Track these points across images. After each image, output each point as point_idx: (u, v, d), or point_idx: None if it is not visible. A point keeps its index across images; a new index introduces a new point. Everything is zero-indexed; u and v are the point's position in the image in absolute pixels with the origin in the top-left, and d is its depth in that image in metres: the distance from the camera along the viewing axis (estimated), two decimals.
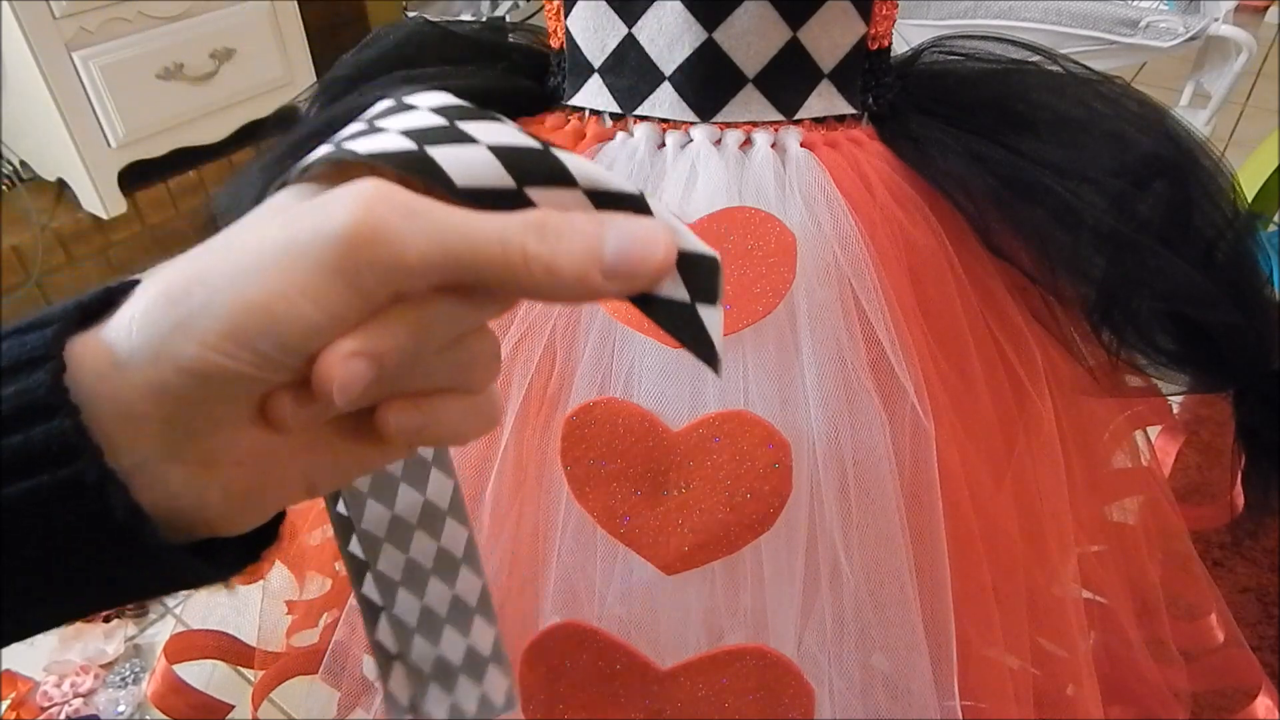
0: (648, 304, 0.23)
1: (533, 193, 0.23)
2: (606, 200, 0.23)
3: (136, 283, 0.23)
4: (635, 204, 0.23)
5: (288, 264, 0.20)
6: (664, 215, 0.24)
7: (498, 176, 0.23)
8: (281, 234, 0.21)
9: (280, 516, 0.26)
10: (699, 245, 0.23)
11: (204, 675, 0.87)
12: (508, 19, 0.79)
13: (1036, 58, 0.60)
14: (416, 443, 0.27)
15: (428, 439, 0.25)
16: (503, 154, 0.23)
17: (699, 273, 0.23)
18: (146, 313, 0.21)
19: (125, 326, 0.21)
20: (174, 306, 0.21)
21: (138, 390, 0.21)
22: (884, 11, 0.56)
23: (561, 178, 0.23)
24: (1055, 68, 0.60)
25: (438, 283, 0.22)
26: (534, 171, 0.23)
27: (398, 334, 0.22)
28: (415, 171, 0.22)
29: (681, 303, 0.23)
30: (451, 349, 0.24)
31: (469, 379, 0.25)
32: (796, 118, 0.57)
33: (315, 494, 0.25)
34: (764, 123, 0.56)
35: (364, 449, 0.25)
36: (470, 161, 0.22)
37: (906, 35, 0.65)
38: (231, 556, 0.25)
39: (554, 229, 0.22)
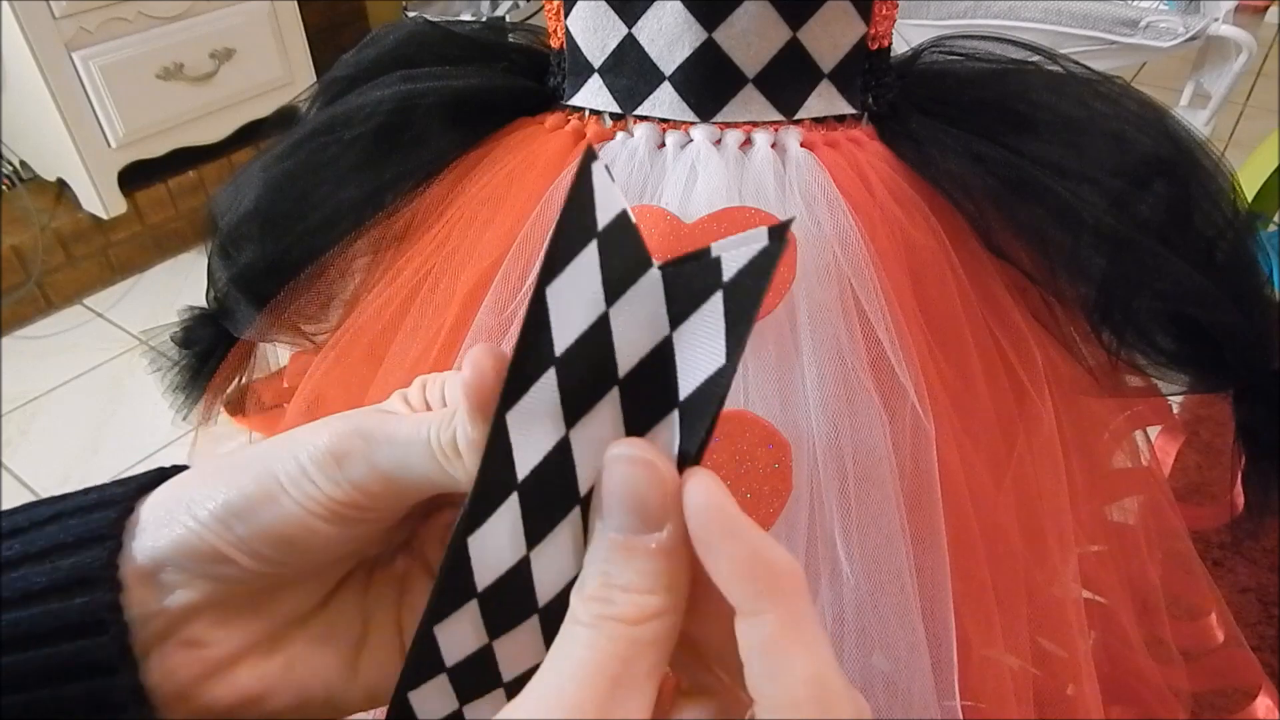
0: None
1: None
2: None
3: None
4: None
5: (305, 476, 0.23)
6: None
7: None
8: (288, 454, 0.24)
9: None
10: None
11: None
12: (508, 19, 0.79)
13: (1036, 58, 0.60)
14: None
15: None
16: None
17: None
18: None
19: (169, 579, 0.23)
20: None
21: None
22: (884, 11, 0.56)
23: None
24: (1055, 68, 0.60)
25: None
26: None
27: None
28: None
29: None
30: None
31: None
32: (796, 118, 0.56)
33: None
34: (764, 123, 0.56)
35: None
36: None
37: (906, 35, 0.65)
38: None
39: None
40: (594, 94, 0.58)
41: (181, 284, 1.94)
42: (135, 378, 1.69)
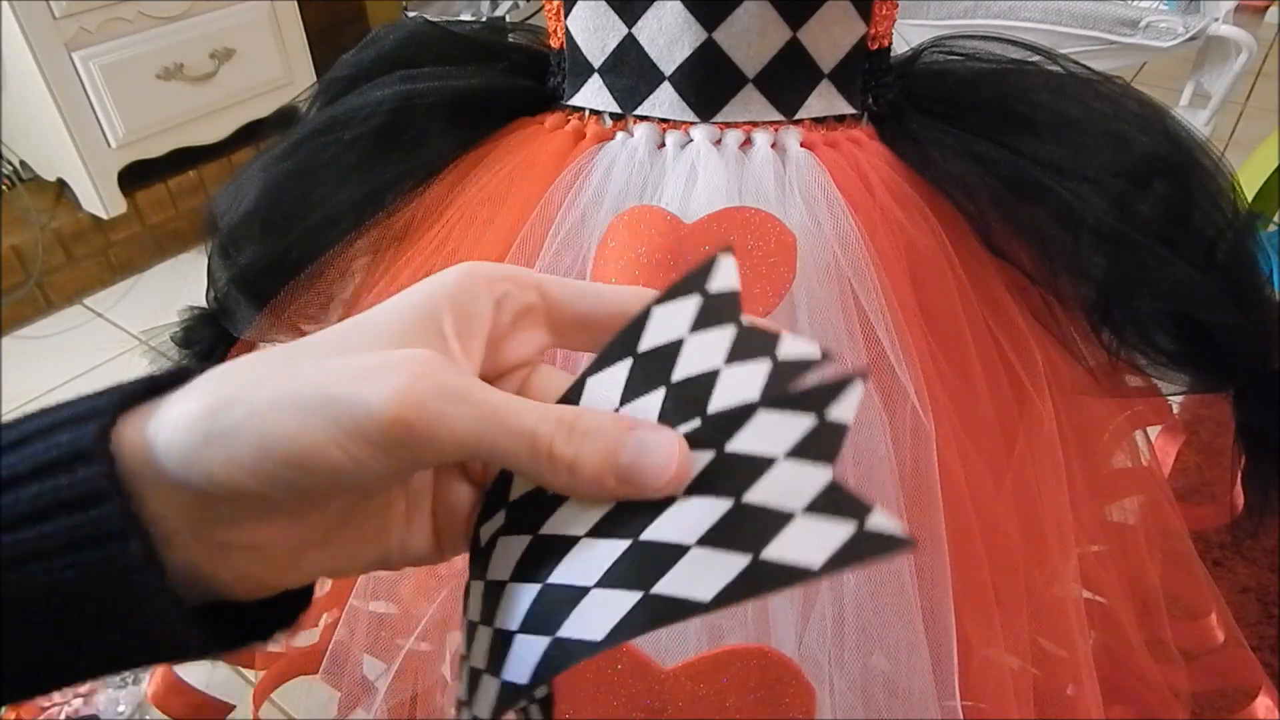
0: None
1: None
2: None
3: (182, 374, 0.24)
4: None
5: (328, 417, 0.21)
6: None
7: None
8: (328, 385, 0.22)
9: (305, 596, 0.27)
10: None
11: (204, 675, 0.87)
12: (508, 19, 0.79)
13: (1036, 58, 0.60)
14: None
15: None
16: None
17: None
18: (188, 418, 0.22)
19: (169, 425, 0.22)
20: (212, 419, 0.22)
21: (168, 484, 0.22)
22: (884, 11, 0.56)
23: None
24: (1055, 68, 0.60)
25: (464, 459, 0.23)
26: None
27: None
28: None
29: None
30: None
31: None
32: (796, 118, 0.57)
33: (337, 576, 0.26)
34: (764, 123, 0.56)
35: (382, 539, 0.26)
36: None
37: (906, 35, 0.65)
38: (243, 627, 0.26)
39: (581, 430, 0.23)
40: (594, 94, 0.58)
41: (181, 284, 1.94)
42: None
